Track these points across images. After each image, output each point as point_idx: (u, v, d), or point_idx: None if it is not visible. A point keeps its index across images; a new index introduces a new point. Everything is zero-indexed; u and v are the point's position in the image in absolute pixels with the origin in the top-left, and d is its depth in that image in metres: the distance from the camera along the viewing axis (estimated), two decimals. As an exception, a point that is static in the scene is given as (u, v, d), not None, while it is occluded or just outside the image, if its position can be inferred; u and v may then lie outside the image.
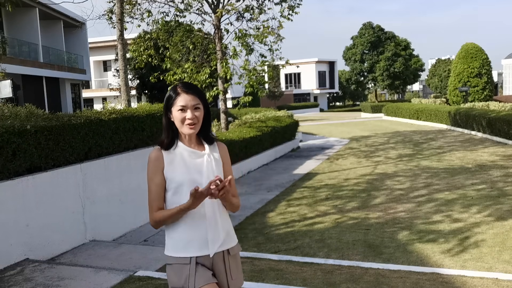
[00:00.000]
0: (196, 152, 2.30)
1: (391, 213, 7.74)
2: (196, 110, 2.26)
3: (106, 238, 6.70)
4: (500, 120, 16.29)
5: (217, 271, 2.30)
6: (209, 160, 2.30)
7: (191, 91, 2.28)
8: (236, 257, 2.39)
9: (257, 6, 13.96)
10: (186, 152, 2.29)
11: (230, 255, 2.34)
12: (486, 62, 29.90)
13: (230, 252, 2.33)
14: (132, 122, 7.47)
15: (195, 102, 2.26)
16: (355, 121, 33.04)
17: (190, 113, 2.24)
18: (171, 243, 2.29)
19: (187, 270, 2.23)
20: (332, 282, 4.57)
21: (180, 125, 2.27)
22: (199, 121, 2.28)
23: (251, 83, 13.89)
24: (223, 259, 2.31)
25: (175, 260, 2.26)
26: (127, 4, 12.82)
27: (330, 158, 15.02)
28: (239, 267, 2.40)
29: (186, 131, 2.26)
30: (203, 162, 2.29)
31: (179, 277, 2.24)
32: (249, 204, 9.06)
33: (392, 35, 53.23)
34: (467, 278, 4.68)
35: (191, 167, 2.27)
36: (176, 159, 2.28)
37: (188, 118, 2.24)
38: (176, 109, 2.26)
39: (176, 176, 2.25)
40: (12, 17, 22.51)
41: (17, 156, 5.29)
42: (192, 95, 2.27)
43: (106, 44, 38.21)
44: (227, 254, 2.33)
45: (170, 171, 2.26)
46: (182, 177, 2.24)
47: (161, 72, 14.89)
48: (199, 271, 2.24)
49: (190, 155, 2.29)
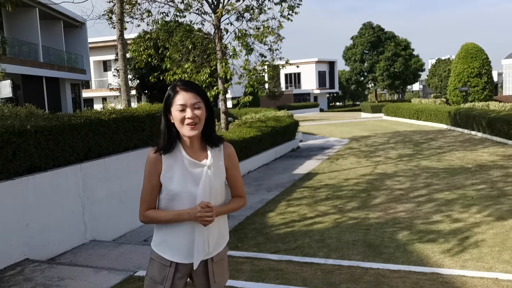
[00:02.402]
0: (196, 163, 2.18)
1: (391, 213, 7.74)
2: (196, 109, 2.12)
3: (106, 238, 6.70)
4: (500, 120, 16.29)
5: (196, 273, 2.29)
6: (208, 173, 2.18)
7: (190, 89, 2.14)
8: (222, 260, 2.35)
9: (257, 6, 13.95)
10: (186, 160, 2.18)
11: (214, 262, 2.30)
12: (486, 62, 29.90)
13: (214, 259, 2.29)
14: (132, 122, 7.47)
15: (195, 100, 2.12)
16: (355, 121, 33.04)
17: (190, 112, 2.10)
18: (158, 240, 2.28)
19: (166, 271, 2.24)
20: (332, 282, 4.57)
21: (180, 125, 2.13)
22: (200, 121, 2.14)
23: (251, 83, 13.88)
24: (206, 266, 2.28)
25: (158, 258, 2.26)
26: (127, 4, 12.81)
27: (330, 158, 15.02)
28: (223, 267, 2.36)
29: (187, 132, 2.13)
30: (201, 173, 2.17)
31: (158, 274, 2.25)
32: (249, 204, 9.05)
33: (392, 35, 53.20)
34: (467, 278, 4.68)
35: (188, 178, 2.18)
36: (175, 166, 2.18)
37: (187, 117, 2.10)
38: (175, 108, 2.12)
39: (172, 185, 2.17)
40: (12, 17, 22.51)
41: (17, 156, 5.29)
42: (191, 93, 2.13)
43: (106, 44, 38.22)
44: (211, 261, 2.29)
45: (166, 178, 2.18)
46: (178, 187, 2.17)
47: (161, 72, 14.89)
48: (176, 276, 2.24)
49: (189, 164, 2.18)
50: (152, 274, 2.27)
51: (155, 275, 2.26)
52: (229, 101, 39.20)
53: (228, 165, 2.29)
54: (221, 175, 2.26)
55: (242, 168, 12.56)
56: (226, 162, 2.28)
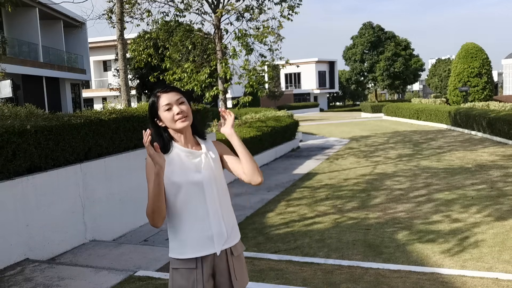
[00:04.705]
0: (193, 152, 2.30)
1: (390, 213, 7.74)
2: (181, 104, 2.28)
3: (106, 238, 6.70)
4: (500, 120, 16.29)
5: (218, 271, 2.29)
6: (206, 159, 2.30)
7: (169, 89, 2.30)
8: (240, 257, 2.38)
9: (257, 6, 13.95)
10: (183, 153, 2.28)
11: (234, 256, 2.32)
12: (486, 62, 29.91)
13: (233, 252, 2.32)
14: (132, 122, 7.47)
15: (178, 97, 2.28)
16: (355, 121, 33.04)
17: (176, 108, 2.25)
18: (176, 245, 2.27)
19: (194, 274, 2.23)
20: (332, 282, 4.57)
21: (172, 124, 2.26)
22: (188, 114, 2.29)
23: (251, 83, 13.87)
24: (226, 260, 2.29)
25: (182, 264, 2.25)
26: (127, 3, 12.81)
27: (330, 158, 15.02)
28: (243, 267, 2.39)
29: (180, 125, 2.26)
30: (201, 161, 2.29)
31: (187, 280, 2.23)
32: (249, 204, 9.06)
33: (392, 35, 53.21)
34: (467, 278, 4.69)
35: (189, 168, 2.26)
36: (174, 161, 2.26)
37: (176, 113, 2.25)
38: (162, 110, 2.26)
39: (175, 177, 2.23)
40: (12, 17, 22.51)
41: (17, 156, 5.29)
42: (171, 92, 2.29)
43: (106, 44, 38.21)
44: (231, 254, 2.31)
45: (168, 173, 2.23)
46: (180, 178, 2.23)
47: (161, 72, 14.89)
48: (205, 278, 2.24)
49: (187, 155, 2.28)
50: (180, 284, 2.24)
51: (183, 284, 2.23)
52: (229, 101, 39.18)
53: (221, 151, 2.42)
54: (219, 161, 2.37)
55: (242, 168, 12.57)
56: (218, 149, 2.42)
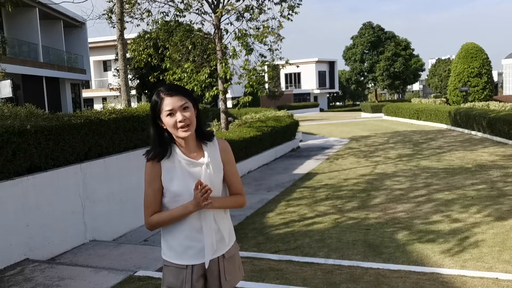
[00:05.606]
0: (194, 162, 2.21)
1: (390, 213, 7.74)
2: (185, 110, 2.14)
3: (106, 238, 6.71)
4: (500, 120, 16.29)
5: (209, 271, 2.28)
6: (207, 170, 2.21)
7: (174, 93, 2.15)
8: (233, 257, 2.35)
9: (257, 6, 13.95)
10: (183, 161, 2.21)
11: (225, 259, 2.30)
12: (486, 62, 29.91)
13: (225, 255, 2.30)
14: (132, 122, 7.47)
15: (182, 102, 2.14)
16: (355, 121, 33.03)
17: (180, 115, 2.13)
18: (167, 248, 2.28)
19: (183, 273, 2.23)
20: (332, 282, 4.57)
21: (173, 130, 2.16)
22: (192, 122, 2.16)
23: (251, 83, 13.88)
24: (217, 263, 2.28)
25: (172, 263, 2.26)
26: (127, 3, 12.81)
27: (330, 158, 15.02)
28: (235, 266, 2.36)
29: (182, 135, 2.16)
30: (200, 172, 2.20)
31: (176, 278, 2.23)
32: (249, 204, 9.05)
33: (392, 35, 53.19)
34: (467, 278, 4.69)
35: (188, 177, 2.20)
36: (174, 168, 2.20)
37: (178, 121, 2.13)
38: (164, 114, 2.15)
39: (173, 186, 2.19)
40: (12, 17, 22.51)
41: (17, 156, 5.29)
42: (176, 96, 2.14)
43: (106, 44, 38.20)
44: (222, 258, 2.29)
45: (167, 180, 2.20)
46: (179, 188, 2.18)
47: (161, 72, 14.89)
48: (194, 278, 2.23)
49: (187, 164, 2.21)
50: (169, 280, 2.25)
51: (173, 281, 2.24)
52: (229, 101, 39.16)
53: (224, 159, 2.31)
54: (220, 170, 2.28)
55: (242, 168, 12.58)
56: (222, 155, 2.30)
